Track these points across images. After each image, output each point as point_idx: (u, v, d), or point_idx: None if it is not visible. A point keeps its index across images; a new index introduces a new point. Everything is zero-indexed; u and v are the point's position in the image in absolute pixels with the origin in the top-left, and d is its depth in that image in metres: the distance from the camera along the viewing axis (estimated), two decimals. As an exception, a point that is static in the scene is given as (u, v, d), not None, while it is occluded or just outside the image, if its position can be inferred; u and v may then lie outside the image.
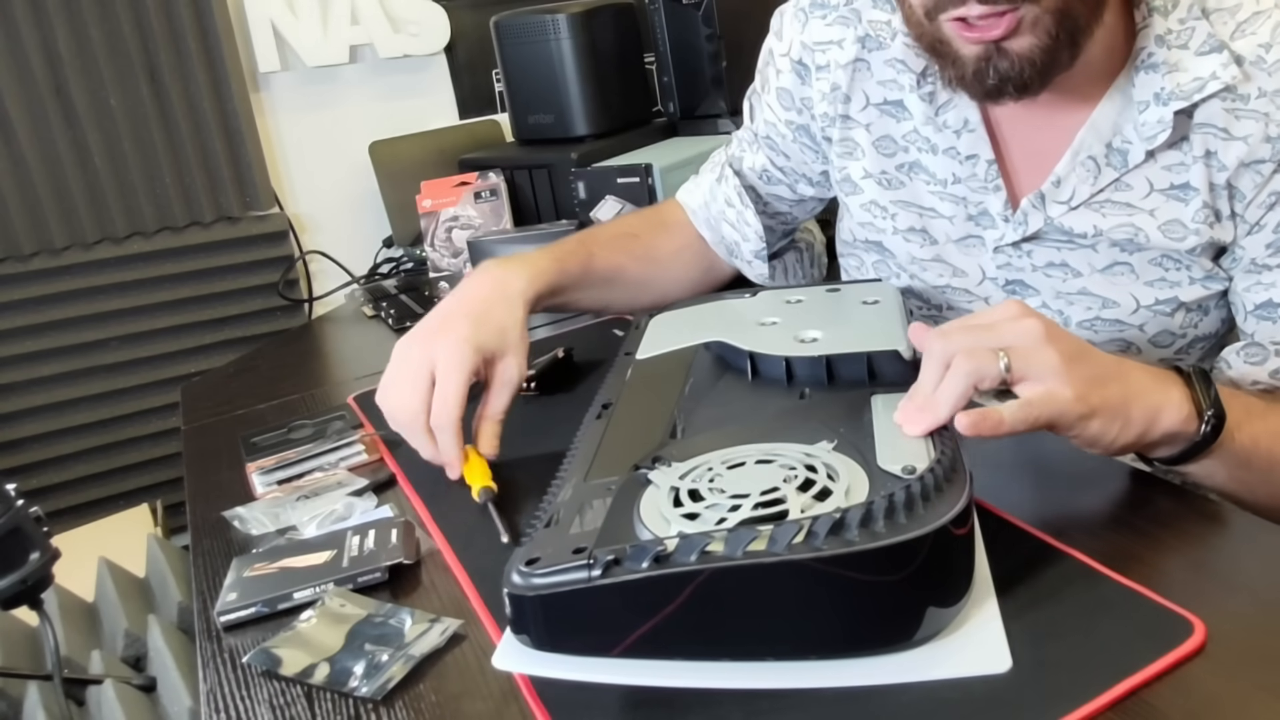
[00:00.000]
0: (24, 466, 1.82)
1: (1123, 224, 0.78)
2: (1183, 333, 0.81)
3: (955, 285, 0.89)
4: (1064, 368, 0.57)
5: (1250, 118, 0.71)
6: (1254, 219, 0.74)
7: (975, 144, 0.82)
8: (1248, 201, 0.73)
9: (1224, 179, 0.73)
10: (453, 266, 1.39)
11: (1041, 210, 0.80)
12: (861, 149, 0.90)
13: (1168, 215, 0.76)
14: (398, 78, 1.98)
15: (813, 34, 0.90)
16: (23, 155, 1.70)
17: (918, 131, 0.86)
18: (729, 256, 1.05)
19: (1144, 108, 0.73)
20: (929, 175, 0.86)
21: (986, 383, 0.56)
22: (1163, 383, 0.62)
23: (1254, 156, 0.71)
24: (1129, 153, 0.75)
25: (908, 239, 0.90)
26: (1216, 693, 0.47)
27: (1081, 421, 0.58)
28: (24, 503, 0.68)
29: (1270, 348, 0.74)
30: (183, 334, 1.89)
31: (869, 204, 0.92)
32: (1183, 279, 0.78)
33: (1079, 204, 0.79)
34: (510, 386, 0.79)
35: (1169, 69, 0.72)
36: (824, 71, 0.89)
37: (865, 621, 0.49)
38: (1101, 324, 0.82)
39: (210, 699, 0.59)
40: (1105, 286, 0.81)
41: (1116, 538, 0.60)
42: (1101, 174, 0.77)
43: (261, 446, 0.92)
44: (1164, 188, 0.76)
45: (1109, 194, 0.78)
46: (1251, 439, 0.64)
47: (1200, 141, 0.73)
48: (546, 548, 0.50)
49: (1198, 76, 0.71)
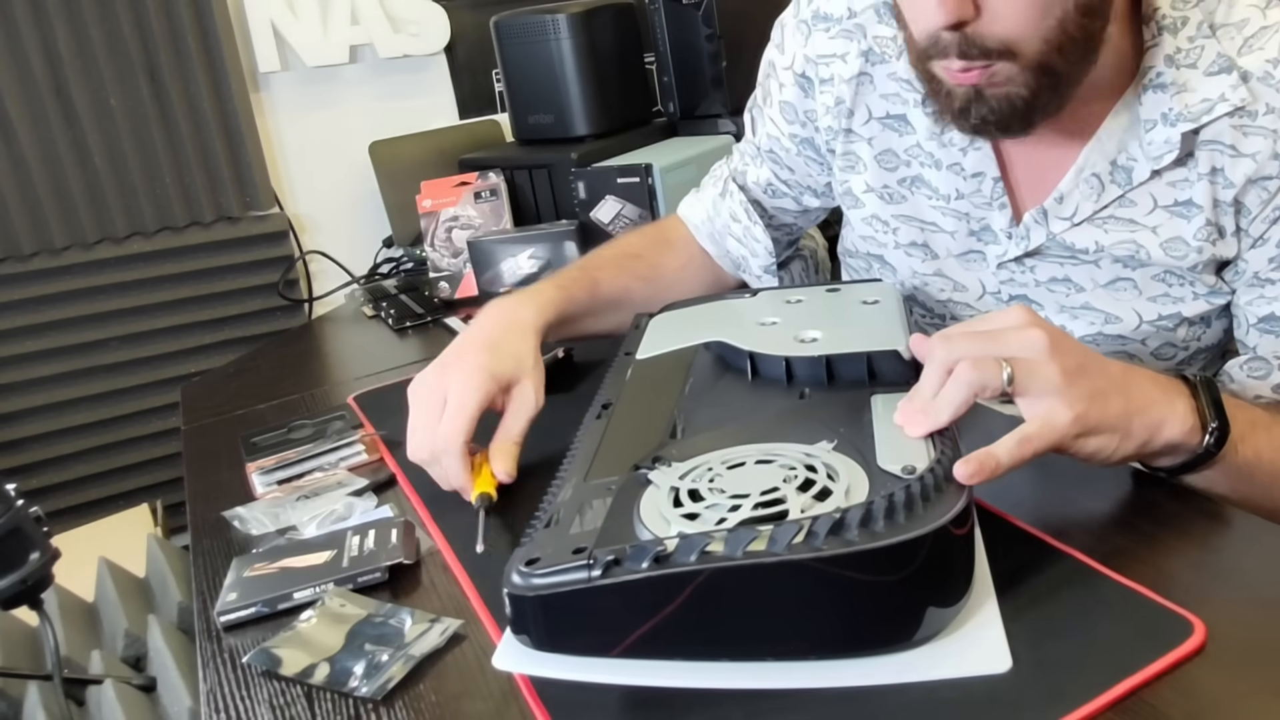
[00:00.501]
0: (24, 466, 1.82)
1: (1124, 240, 0.77)
2: (1185, 345, 0.81)
3: (957, 300, 0.89)
4: (1065, 385, 0.56)
5: (1259, 134, 0.70)
6: (1258, 233, 0.73)
7: (981, 161, 0.82)
8: (1253, 217, 0.73)
9: (1230, 195, 0.73)
10: (453, 266, 1.39)
11: (1044, 226, 0.80)
12: (864, 163, 0.90)
13: (1170, 232, 0.76)
14: (398, 78, 1.98)
15: (816, 47, 0.89)
16: (23, 155, 1.70)
17: (920, 146, 0.85)
18: (735, 270, 1.04)
19: (1151, 127, 0.73)
20: (931, 190, 0.86)
21: (988, 393, 0.56)
22: (1168, 394, 0.61)
23: (1262, 173, 0.71)
24: (1134, 170, 0.75)
25: (909, 253, 0.90)
26: (1216, 693, 0.47)
27: (1079, 440, 0.57)
28: (24, 503, 0.68)
29: (1274, 361, 0.74)
30: (183, 334, 1.89)
31: (870, 218, 0.91)
32: (1186, 294, 0.78)
33: (1082, 220, 0.78)
34: (527, 411, 0.78)
35: (1178, 89, 0.71)
36: (827, 85, 0.89)
37: (865, 621, 0.49)
38: (1104, 339, 0.82)
39: (210, 699, 0.59)
40: (1108, 302, 0.80)
41: (1116, 538, 0.60)
42: (1105, 191, 0.77)
43: (261, 446, 0.92)
44: (1167, 204, 0.75)
45: (1112, 210, 0.77)
46: (1255, 453, 0.64)
47: (1206, 159, 0.73)
48: (546, 548, 0.50)
49: (1206, 98, 0.70)
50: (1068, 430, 0.56)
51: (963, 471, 0.52)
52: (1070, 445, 0.57)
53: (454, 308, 1.36)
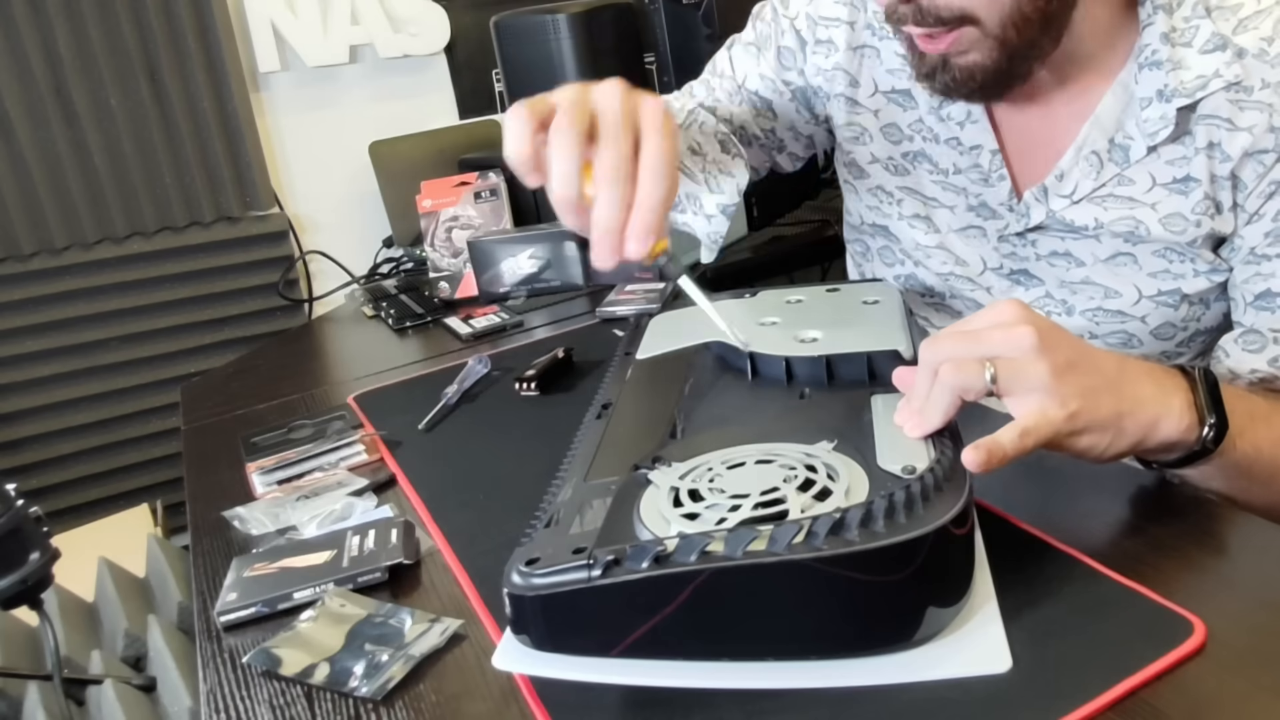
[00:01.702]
0: (24, 466, 1.82)
1: (1124, 217, 0.78)
2: (1184, 326, 0.81)
3: (958, 274, 0.89)
4: (1053, 381, 0.55)
5: (1254, 108, 0.71)
6: (1254, 208, 0.74)
7: (979, 135, 0.83)
8: (1249, 192, 0.74)
9: (1227, 170, 0.73)
10: (453, 266, 1.39)
11: (1044, 203, 0.81)
12: (869, 134, 0.91)
13: (1169, 209, 0.76)
14: (398, 78, 1.98)
15: (820, 8, 0.90)
16: (23, 155, 1.70)
17: (922, 120, 0.87)
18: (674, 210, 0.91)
19: (1146, 104, 0.74)
20: (932, 164, 0.87)
21: (971, 394, 0.55)
22: (1164, 390, 0.60)
23: (1258, 146, 0.72)
24: (1131, 148, 0.76)
25: (913, 225, 0.91)
26: (1216, 693, 0.47)
27: (1070, 438, 0.56)
28: (24, 503, 0.68)
29: (1269, 335, 0.74)
30: (183, 334, 1.89)
31: (875, 189, 0.93)
32: (1186, 270, 0.79)
33: (1081, 198, 0.79)
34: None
35: (1172, 66, 0.72)
36: (823, 46, 0.90)
37: (865, 621, 0.49)
38: (1104, 314, 0.82)
39: (210, 699, 0.59)
40: (1108, 277, 0.81)
41: (1116, 537, 0.60)
42: (1104, 169, 0.78)
43: (261, 446, 0.92)
44: (1166, 181, 0.76)
45: (1111, 188, 0.78)
46: (1254, 446, 0.63)
47: (1204, 134, 0.73)
48: (546, 548, 0.50)
49: (1200, 74, 0.72)
50: (1061, 426, 0.56)
51: (971, 458, 0.52)
52: (1063, 442, 0.57)
53: (454, 308, 1.35)
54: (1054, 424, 0.55)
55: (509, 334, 1.20)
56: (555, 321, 1.21)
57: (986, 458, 0.52)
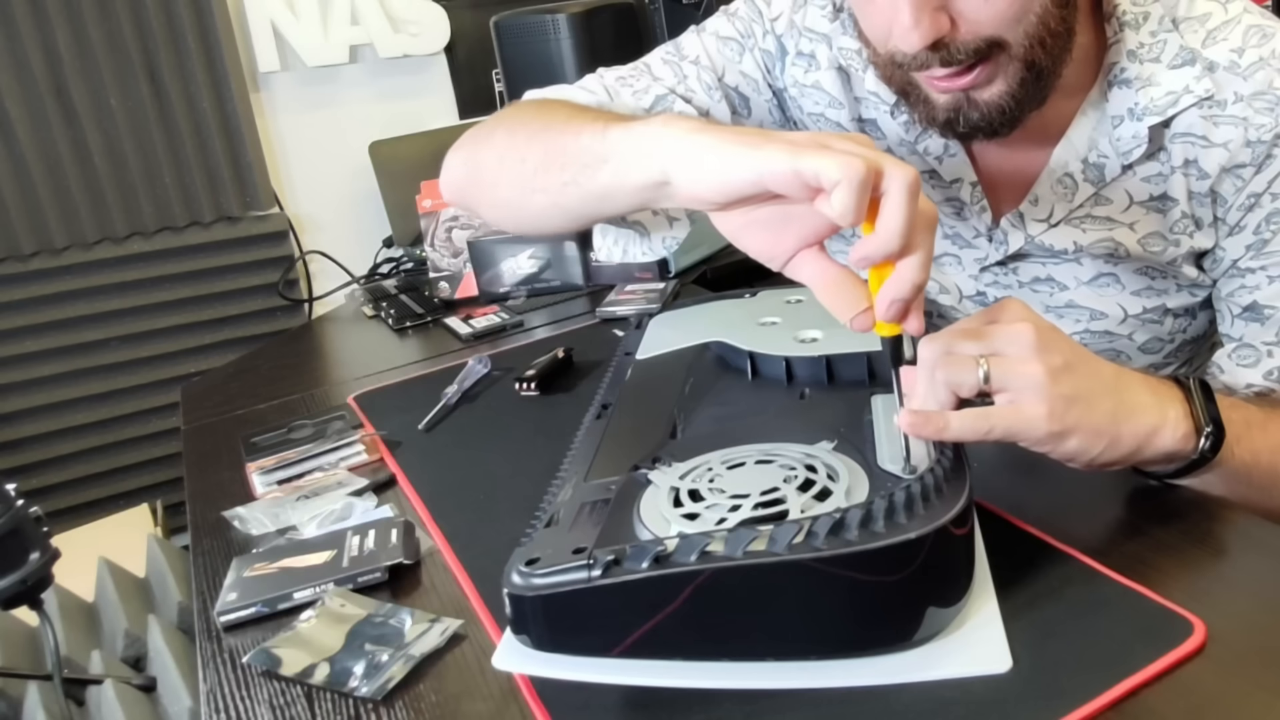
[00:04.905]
0: (24, 466, 1.82)
1: (1102, 239, 0.77)
2: (1171, 338, 0.81)
3: (942, 302, 0.89)
4: (1045, 382, 0.55)
5: (1229, 123, 0.70)
6: (1234, 221, 0.73)
7: (959, 169, 0.81)
8: (1229, 205, 0.73)
9: (1206, 186, 0.73)
10: (453, 266, 1.39)
11: (1021, 229, 0.80)
12: None
13: (1148, 228, 0.76)
14: (398, 78, 1.98)
15: (809, 20, 0.85)
16: (23, 155, 1.70)
17: (892, 152, 0.84)
18: None
19: (1118, 123, 0.73)
20: None
21: (964, 391, 0.55)
22: (1161, 400, 0.60)
23: (1235, 161, 0.71)
24: (1105, 167, 0.75)
25: None
26: (1216, 693, 0.47)
27: (1054, 439, 0.56)
28: (24, 503, 0.68)
29: (1262, 348, 0.74)
30: (183, 334, 1.89)
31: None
32: (1169, 287, 0.78)
33: (1058, 221, 0.78)
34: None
35: (1142, 84, 0.71)
36: (804, 59, 0.85)
37: (865, 621, 0.49)
38: (1091, 335, 0.82)
39: (210, 699, 0.59)
40: (1092, 298, 0.80)
41: (1116, 538, 0.60)
42: (1079, 189, 0.76)
43: (261, 446, 0.92)
44: (1143, 199, 0.75)
45: (1088, 209, 0.77)
46: (1252, 454, 0.63)
47: (1180, 151, 0.73)
48: (546, 548, 0.50)
49: (1171, 90, 0.71)
50: (1038, 424, 0.55)
51: (905, 419, 0.53)
52: (1045, 443, 0.56)
53: (454, 308, 1.35)
54: (1025, 419, 0.55)
55: (509, 334, 1.20)
56: (555, 321, 1.21)
57: (921, 421, 0.52)
